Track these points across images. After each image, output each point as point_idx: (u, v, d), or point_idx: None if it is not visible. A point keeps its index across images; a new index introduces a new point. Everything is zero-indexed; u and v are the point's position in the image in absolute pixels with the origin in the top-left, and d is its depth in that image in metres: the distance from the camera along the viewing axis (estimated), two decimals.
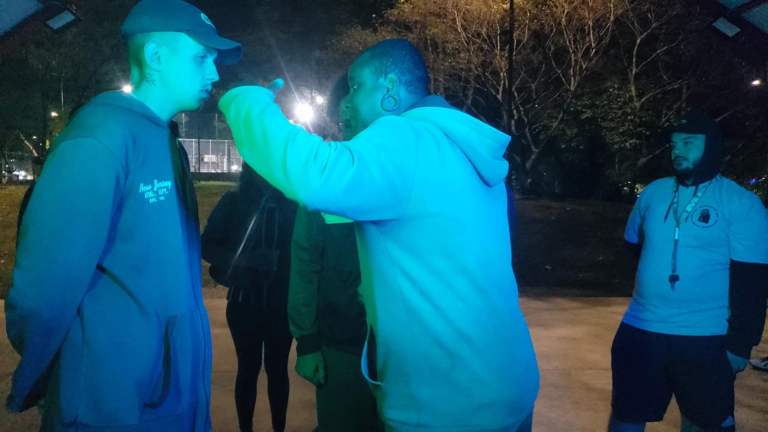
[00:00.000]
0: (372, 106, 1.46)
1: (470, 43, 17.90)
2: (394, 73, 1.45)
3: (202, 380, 1.49)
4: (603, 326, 6.07)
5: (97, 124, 1.27)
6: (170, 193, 1.39)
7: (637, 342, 2.45)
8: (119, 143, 1.27)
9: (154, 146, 1.37)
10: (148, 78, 1.40)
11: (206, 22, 1.43)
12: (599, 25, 16.70)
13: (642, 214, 2.59)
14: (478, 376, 1.29)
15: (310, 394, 3.58)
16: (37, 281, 1.22)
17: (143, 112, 1.38)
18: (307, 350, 2.10)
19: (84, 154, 1.24)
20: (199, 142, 37.85)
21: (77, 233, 1.23)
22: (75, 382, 1.29)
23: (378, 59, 1.46)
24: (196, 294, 1.49)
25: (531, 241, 11.19)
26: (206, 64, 1.44)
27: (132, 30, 1.39)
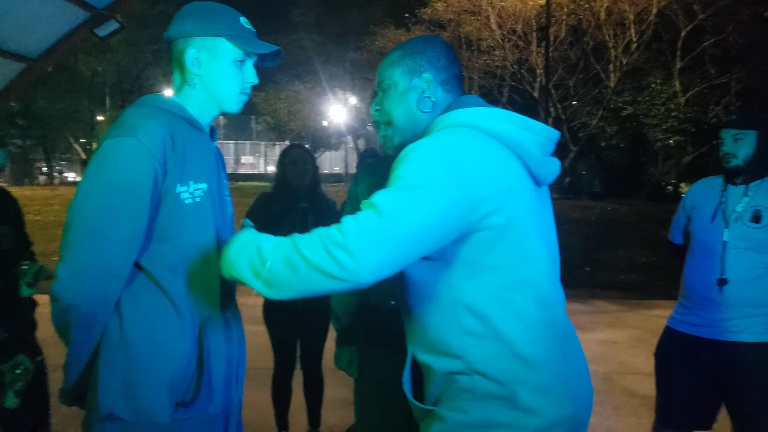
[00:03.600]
0: (407, 108, 1.38)
1: (505, 40, 17.71)
2: (429, 73, 1.36)
3: (235, 382, 1.50)
4: (645, 330, 5.93)
5: (138, 124, 1.30)
6: (206, 195, 1.41)
7: (683, 347, 2.39)
8: (158, 143, 1.30)
9: (191, 148, 1.39)
10: (189, 82, 1.42)
11: (246, 26, 1.45)
12: (641, 18, 16.29)
13: (687, 214, 2.52)
14: (537, 398, 1.22)
15: (346, 392, 3.60)
16: (77, 275, 1.27)
17: (183, 115, 1.41)
18: (344, 343, 2.16)
19: (124, 153, 1.28)
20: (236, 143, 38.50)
21: (116, 230, 1.27)
22: (112, 376, 1.33)
23: (411, 58, 1.37)
24: (230, 295, 1.51)
25: (570, 242, 10.98)
26: (246, 68, 1.45)
27: (174, 35, 1.42)
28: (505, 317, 1.22)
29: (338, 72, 26.68)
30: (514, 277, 1.23)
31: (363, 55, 22.55)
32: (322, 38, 24.79)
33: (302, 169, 3.00)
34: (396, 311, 2.05)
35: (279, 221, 2.98)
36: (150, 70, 27.44)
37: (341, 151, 33.57)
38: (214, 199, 1.45)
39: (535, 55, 17.70)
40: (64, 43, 3.80)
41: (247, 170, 37.23)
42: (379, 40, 21.23)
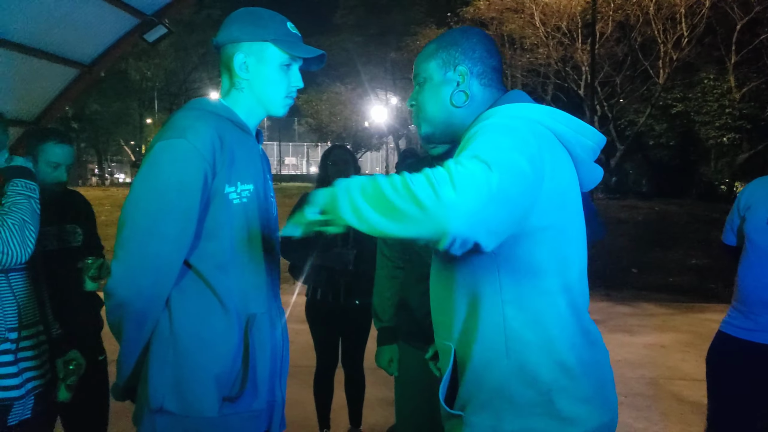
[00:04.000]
0: (441, 102, 1.32)
1: (549, 37, 17.42)
2: (464, 65, 1.30)
3: (279, 379, 1.52)
4: (696, 334, 5.74)
5: (188, 126, 1.34)
6: (252, 196, 1.44)
7: (737, 352, 2.30)
8: (207, 144, 1.33)
9: (239, 150, 1.42)
10: (237, 86, 1.46)
11: (292, 31, 1.47)
12: (693, 12, 15.76)
13: (742, 214, 2.42)
14: (577, 407, 1.18)
15: (387, 391, 3.61)
16: (131, 272, 1.31)
17: (231, 117, 1.44)
18: (385, 342, 2.18)
19: (175, 154, 1.31)
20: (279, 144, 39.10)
21: (167, 229, 1.30)
22: (162, 371, 1.36)
23: (445, 50, 1.32)
24: (275, 294, 1.53)
25: (616, 243, 10.74)
26: (292, 72, 1.48)
27: (223, 41, 1.46)
28: (552, 323, 1.18)
29: (379, 73, 26.77)
30: (561, 281, 1.20)
31: (404, 55, 22.55)
32: (364, 39, 24.93)
33: (344, 169, 3.03)
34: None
35: None
36: (196, 74, 28.15)
37: (382, 151, 33.67)
38: (260, 200, 1.47)
39: (581, 53, 17.34)
40: (115, 49, 3.94)
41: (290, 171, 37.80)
42: (420, 40, 21.18)
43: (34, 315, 1.82)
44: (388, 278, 2.22)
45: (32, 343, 1.79)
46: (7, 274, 1.73)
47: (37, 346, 1.81)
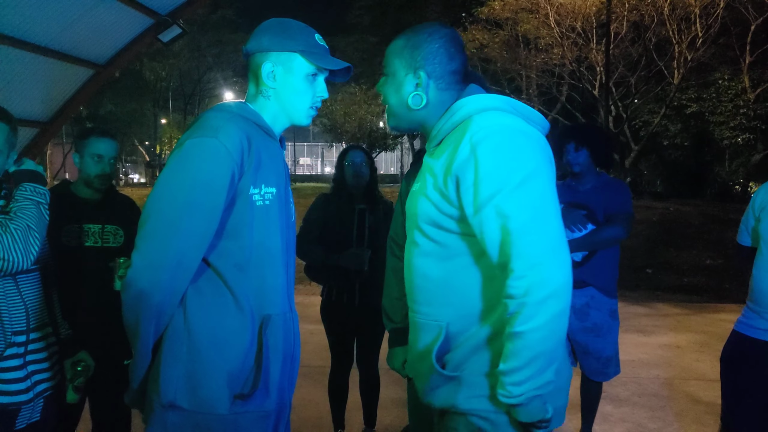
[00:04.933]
0: (400, 100, 1.46)
1: (564, 37, 17.32)
2: (423, 70, 1.42)
3: (289, 381, 1.52)
4: (711, 334, 5.68)
5: (220, 127, 1.37)
6: (275, 199, 1.46)
7: (751, 352, 2.28)
8: (237, 145, 1.36)
9: (265, 154, 1.45)
10: (264, 93, 1.49)
11: (320, 42, 1.51)
12: (707, 12, 15.59)
13: (756, 215, 2.40)
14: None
15: (401, 392, 3.61)
16: (151, 265, 1.32)
17: (258, 122, 1.48)
18: (397, 343, 2.14)
19: (205, 152, 1.34)
20: (294, 145, 39.25)
21: (191, 224, 1.32)
22: (175, 366, 1.37)
23: (409, 51, 1.43)
24: (290, 296, 1.55)
25: (630, 243, 10.64)
26: (317, 83, 1.52)
27: (252, 50, 1.49)
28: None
29: None
30: None
31: None
32: (378, 39, 24.92)
33: (359, 170, 3.02)
34: None
35: (337, 222, 3.01)
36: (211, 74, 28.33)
37: (397, 151, 33.66)
38: (281, 204, 1.50)
39: (595, 53, 17.23)
40: (129, 50, 3.98)
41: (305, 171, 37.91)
42: None
43: (44, 317, 1.81)
44: (398, 280, 2.20)
45: (42, 345, 1.78)
46: (15, 276, 1.72)
47: (46, 348, 1.80)
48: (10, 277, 1.70)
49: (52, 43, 3.46)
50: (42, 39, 3.39)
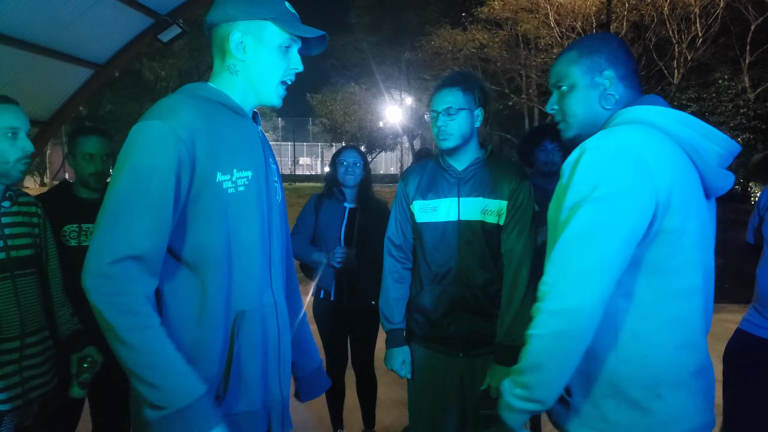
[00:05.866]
0: (588, 106, 1.40)
1: (564, 37, 17.32)
2: (610, 70, 1.38)
3: (277, 377, 1.42)
4: (711, 334, 5.57)
5: (169, 108, 1.25)
6: (251, 184, 1.33)
7: (755, 350, 2.27)
8: (186, 126, 1.23)
9: (232, 135, 1.32)
10: (231, 69, 1.35)
11: (291, 9, 1.38)
12: (707, 12, 15.60)
13: (761, 214, 2.41)
14: (684, 406, 1.26)
15: (401, 392, 3.61)
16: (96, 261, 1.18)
17: (223, 101, 1.34)
18: (395, 344, 2.15)
19: (147, 134, 1.22)
20: (294, 145, 39.23)
21: (134, 215, 1.18)
22: None
23: (589, 57, 1.39)
24: (274, 289, 1.42)
25: None
26: (291, 54, 1.38)
27: (217, 20, 1.35)
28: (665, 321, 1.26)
29: (394, 72, 26.76)
30: (681, 283, 1.27)
31: (419, 55, 22.52)
32: (378, 39, 24.93)
33: (353, 170, 3.03)
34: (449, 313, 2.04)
35: (327, 221, 3.02)
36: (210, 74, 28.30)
37: (397, 151, 33.65)
38: (260, 187, 1.37)
39: None
40: (129, 49, 3.97)
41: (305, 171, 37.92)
42: (434, 40, 21.15)
43: (40, 320, 1.79)
44: (395, 281, 2.19)
45: (39, 350, 1.76)
46: (14, 279, 1.70)
47: (43, 352, 1.79)
48: (9, 280, 1.69)
49: (51, 42, 3.46)
50: (41, 39, 3.38)
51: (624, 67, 1.40)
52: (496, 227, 2.02)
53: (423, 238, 2.08)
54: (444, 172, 2.08)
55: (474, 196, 2.02)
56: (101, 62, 3.94)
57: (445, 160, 2.09)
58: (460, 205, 2.03)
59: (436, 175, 2.10)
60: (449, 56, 20.86)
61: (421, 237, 2.09)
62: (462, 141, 2.01)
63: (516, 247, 2.00)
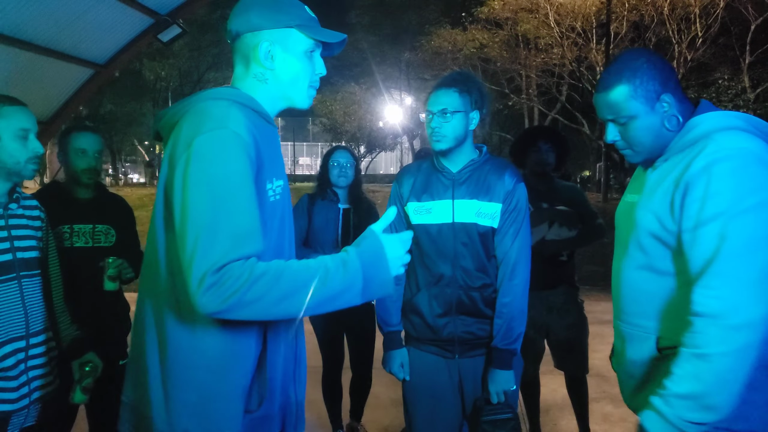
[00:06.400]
0: (655, 131, 1.43)
1: (564, 37, 17.34)
2: (666, 93, 1.41)
3: (293, 380, 1.42)
4: None
5: (222, 116, 1.21)
6: (283, 192, 1.35)
7: None
8: (248, 130, 1.21)
9: (268, 144, 1.31)
10: (260, 77, 1.34)
11: (311, 14, 1.38)
12: (707, 12, 15.64)
13: None
14: None
15: (400, 392, 3.60)
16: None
17: (256, 108, 1.32)
18: (393, 346, 2.14)
19: (219, 143, 1.16)
20: (294, 145, 39.29)
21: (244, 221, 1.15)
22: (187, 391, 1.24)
23: (643, 88, 1.41)
24: None
25: None
26: (315, 59, 1.38)
27: (242, 29, 1.33)
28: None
29: (394, 72, 26.78)
30: None
31: (419, 55, 22.55)
32: (378, 39, 24.95)
33: (346, 171, 3.02)
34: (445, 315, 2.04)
35: (322, 222, 3.01)
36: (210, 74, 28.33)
37: (396, 151, 33.69)
38: (287, 195, 1.38)
39: (595, 53, 17.25)
40: (129, 49, 3.97)
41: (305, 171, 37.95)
42: (434, 40, 21.17)
43: (44, 322, 1.80)
44: None
45: (43, 350, 1.77)
46: (20, 279, 1.70)
47: (47, 353, 1.79)
48: (15, 281, 1.69)
49: (51, 42, 3.46)
50: (41, 39, 3.38)
51: (673, 83, 1.42)
52: (490, 230, 2.02)
53: (418, 240, 2.07)
54: (439, 174, 2.07)
55: (468, 198, 2.02)
56: (101, 62, 3.94)
57: (439, 161, 2.08)
58: (455, 207, 2.03)
59: (431, 176, 2.09)
60: (449, 56, 20.88)
61: (417, 239, 2.07)
62: (455, 143, 2.00)
63: (511, 250, 2.00)
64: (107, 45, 3.86)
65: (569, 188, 3.05)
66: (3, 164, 1.69)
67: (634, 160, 1.51)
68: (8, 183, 1.74)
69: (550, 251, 2.84)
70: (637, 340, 1.46)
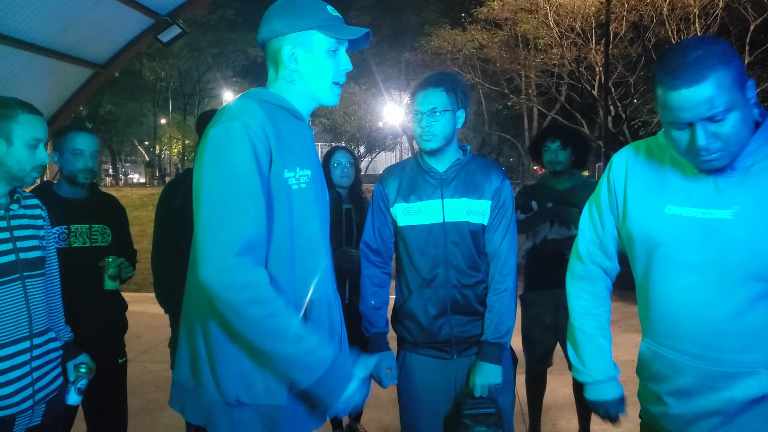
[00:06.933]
0: (750, 123, 1.26)
1: (563, 38, 17.35)
2: (751, 79, 1.25)
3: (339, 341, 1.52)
4: None
5: (241, 110, 1.34)
6: (310, 182, 1.43)
7: None
8: (261, 123, 1.32)
9: (294, 136, 1.41)
10: (288, 78, 1.45)
11: (333, 13, 1.46)
12: (706, 12, 15.62)
13: None
14: None
15: None
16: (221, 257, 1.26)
17: (283, 105, 1.43)
18: (380, 348, 2.10)
19: (232, 134, 1.29)
20: None
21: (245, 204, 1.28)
22: (232, 364, 1.35)
23: (738, 72, 1.21)
24: (332, 279, 1.53)
25: None
26: (339, 55, 1.47)
27: (267, 36, 1.44)
28: None
29: (393, 73, 26.80)
30: None
31: (418, 55, 22.55)
32: (378, 39, 24.95)
33: (345, 171, 3.03)
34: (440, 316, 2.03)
35: (331, 224, 3.01)
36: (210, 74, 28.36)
37: (396, 151, 33.69)
38: (317, 186, 1.47)
39: (594, 53, 17.25)
40: (129, 50, 3.98)
41: None
42: (434, 41, 21.17)
43: (46, 321, 1.80)
44: (375, 285, 2.16)
45: (46, 350, 1.77)
46: (24, 280, 1.71)
47: (51, 352, 1.79)
48: (19, 281, 1.70)
49: (51, 43, 3.46)
50: (42, 39, 3.39)
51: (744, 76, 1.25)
52: (481, 227, 2.03)
53: (407, 242, 2.06)
54: (425, 174, 2.06)
55: (458, 197, 2.02)
56: (101, 62, 3.95)
57: (425, 161, 2.07)
58: (445, 207, 2.03)
59: (417, 176, 2.07)
60: (449, 56, 20.88)
61: (405, 241, 2.07)
62: (445, 142, 2.00)
63: (501, 246, 2.02)
64: (107, 45, 3.87)
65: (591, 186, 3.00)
66: (8, 169, 1.70)
67: (719, 164, 1.26)
68: (9, 186, 1.75)
69: (550, 250, 2.85)
70: (736, 377, 1.32)
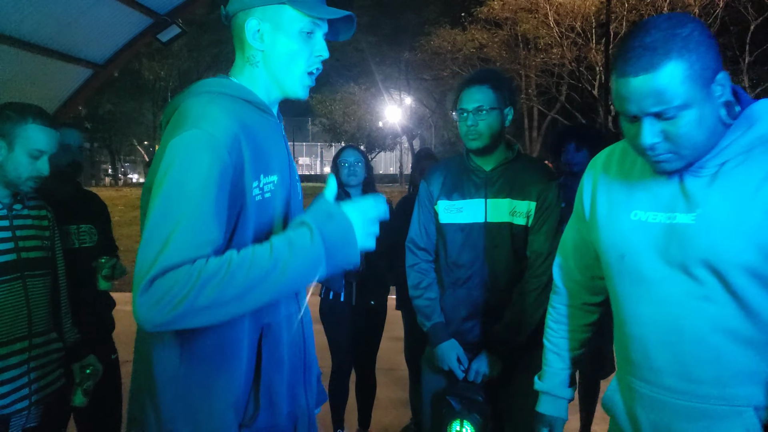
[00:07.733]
0: (712, 123, 1.06)
1: (563, 37, 17.35)
2: (721, 73, 1.04)
3: (303, 387, 1.33)
4: None
5: (201, 115, 1.10)
6: (276, 189, 1.21)
7: None
8: (226, 131, 1.09)
9: (262, 137, 1.18)
10: (251, 60, 1.22)
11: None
12: (706, 12, 15.64)
13: None
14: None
15: (400, 392, 3.60)
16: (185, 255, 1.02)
17: (247, 97, 1.21)
18: (442, 338, 2.03)
19: (191, 148, 1.06)
20: (293, 144, 39.30)
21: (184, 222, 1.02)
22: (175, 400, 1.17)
23: (700, 64, 1.01)
24: (299, 297, 1.32)
25: None
26: (315, 40, 1.23)
27: (233, 9, 1.22)
28: None
29: (393, 73, 26.78)
30: None
31: (418, 55, 22.54)
32: (377, 39, 24.94)
33: (355, 169, 3.02)
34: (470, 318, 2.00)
35: None
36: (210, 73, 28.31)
37: (396, 151, 33.69)
38: (284, 191, 1.25)
39: (595, 53, 17.25)
40: (128, 49, 3.97)
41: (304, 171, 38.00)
42: (434, 40, 21.16)
43: (48, 322, 1.79)
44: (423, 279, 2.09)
45: (43, 351, 1.76)
46: (25, 279, 1.70)
47: (51, 353, 1.78)
48: (20, 280, 1.69)
49: (50, 42, 3.45)
50: (41, 39, 3.37)
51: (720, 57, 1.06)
52: (524, 229, 1.96)
53: (446, 239, 2.02)
54: (470, 173, 2.01)
55: (502, 197, 1.96)
56: (100, 62, 3.93)
57: (471, 159, 2.02)
58: (488, 207, 1.97)
59: (462, 175, 2.03)
60: (448, 56, 20.88)
61: (444, 238, 2.03)
62: (491, 141, 1.95)
63: (544, 249, 1.94)
64: (106, 45, 3.85)
65: None
66: (5, 174, 1.69)
67: (672, 167, 1.10)
68: (7, 189, 1.74)
69: None
70: (721, 417, 1.13)
